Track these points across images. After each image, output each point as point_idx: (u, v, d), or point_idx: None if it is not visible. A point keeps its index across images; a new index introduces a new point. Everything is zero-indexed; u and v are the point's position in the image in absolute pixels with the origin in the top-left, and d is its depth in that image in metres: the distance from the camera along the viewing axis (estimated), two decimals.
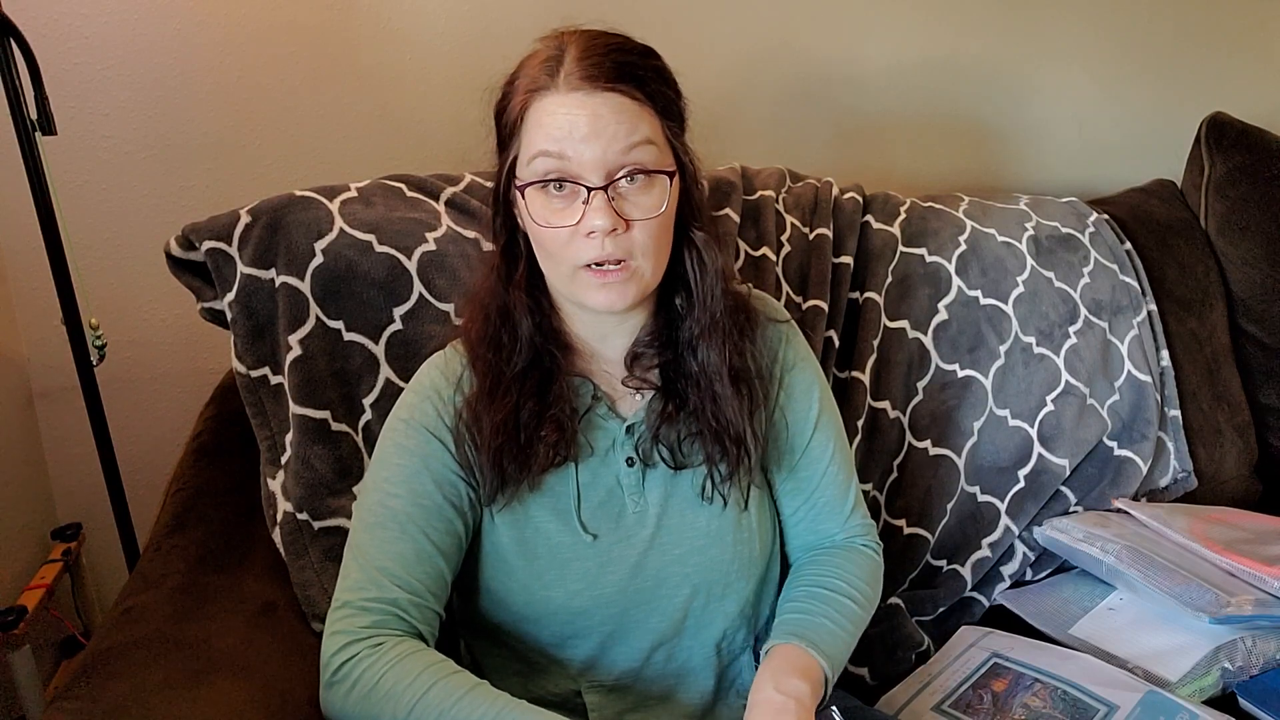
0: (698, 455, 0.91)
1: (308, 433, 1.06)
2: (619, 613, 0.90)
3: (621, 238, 0.81)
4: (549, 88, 0.80)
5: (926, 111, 1.75)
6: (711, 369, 0.89)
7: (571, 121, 0.79)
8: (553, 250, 0.83)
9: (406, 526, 0.85)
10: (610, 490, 0.91)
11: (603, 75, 0.79)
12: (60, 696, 0.83)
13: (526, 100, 0.81)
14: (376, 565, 0.85)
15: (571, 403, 0.89)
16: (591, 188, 0.79)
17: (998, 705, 1.04)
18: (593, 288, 0.83)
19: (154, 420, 1.50)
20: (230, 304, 1.08)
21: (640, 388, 0.91)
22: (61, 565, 1.43)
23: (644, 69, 0.82)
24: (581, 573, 0.89)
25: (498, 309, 0.88)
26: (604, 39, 0.82)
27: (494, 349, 0.88)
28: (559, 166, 0.80)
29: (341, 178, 1.18)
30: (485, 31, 1.48)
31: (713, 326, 0.88)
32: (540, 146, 0.80)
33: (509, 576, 0.90)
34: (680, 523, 0.91)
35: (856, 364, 1.30)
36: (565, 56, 0.80)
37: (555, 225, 0.81)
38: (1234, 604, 1.09)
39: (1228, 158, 1.57)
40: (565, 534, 0.89)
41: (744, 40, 1.62)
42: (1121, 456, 1.39)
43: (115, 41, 1.37)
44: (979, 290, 1.37)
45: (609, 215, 0.79)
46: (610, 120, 0.79)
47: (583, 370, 0.92)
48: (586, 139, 0.79)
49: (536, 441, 0.87)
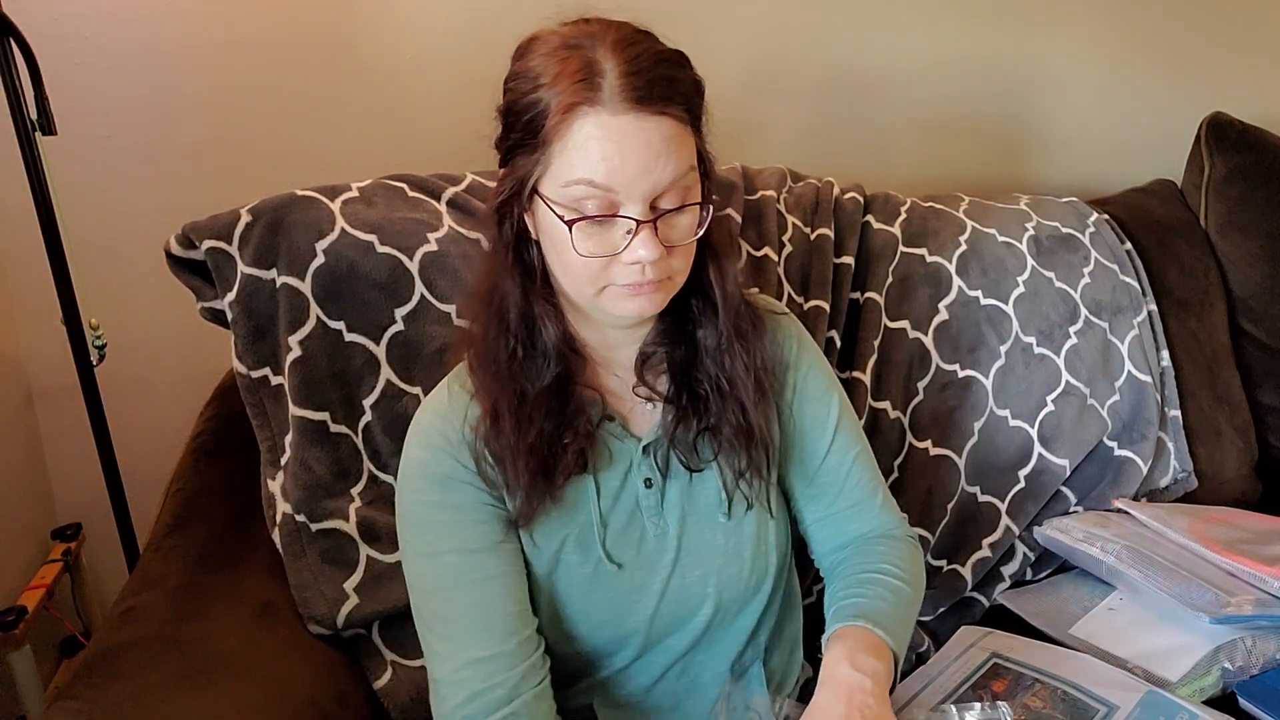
0: (712, 455, 0.88)
1: (306, 434, 1.05)
2: (643, 641, 0.88)
3: (662, 262, 0.76)
4: (592, 103, 0.71)
5: (927, 112, 1.75)
6: (739, 378, 0.86)
7: (621, 151, 0.72)
8: (584, 273, 0.77)
9: (466, 580, 0.82)
10: (631, 514, 0.88)
11: (653, 96, 0.72)
12: (60, 696, 0.83)
13: (565, 115, 0.72)
14: (455, 633, 0.82)
15: (588, 411, 0.86)
16: (640, 221, 0.74)
17: (998, 706, 1.03)
18: (622, 299, 0.78)
19: (154, 420, 1.50)
20: (231, 304, 1.08)
21: (651, 397, 0.88)
22: (61, 565, 1.43)
23: (686, 83, 0.76)
24: (607, 604, 0.87)
25: (520, 318, 0.82)
26: (644, 45, 0.75)
27: (515, 364, 0.82)
28: (603, 198, 0.73)
29: (342, 177, 1.18)
30: (486, 31, 1.48)
31: (738, 333, 0.86)
32: (583, 174, 0.73)
33: (534, 602, 0.87)
34: (699, 542, 0.89)
35: (857, 364, 1.30)
36: (606, 67, 0.72)
37: (593, 255, 0.75)
38: (1234, 604, 1.09)
39: (1228, 158, 1.57)
40: (588, 565, 0.86)
41: (747, 41, 1.62)
42: (1122, 456, 1.39)
43: (115, 41, 1.37)
44: (979, 290, 1.37)
45: (656, 247, 0.74)
46: (662, 151, 0.73)
47: (593, 383, 0.88)
48: (638, 174, 0.72)
49: (562, 450, 0.83)
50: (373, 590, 1.03)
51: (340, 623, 1.02)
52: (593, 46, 0.73)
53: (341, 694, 0.97)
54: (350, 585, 1.04)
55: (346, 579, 1.04)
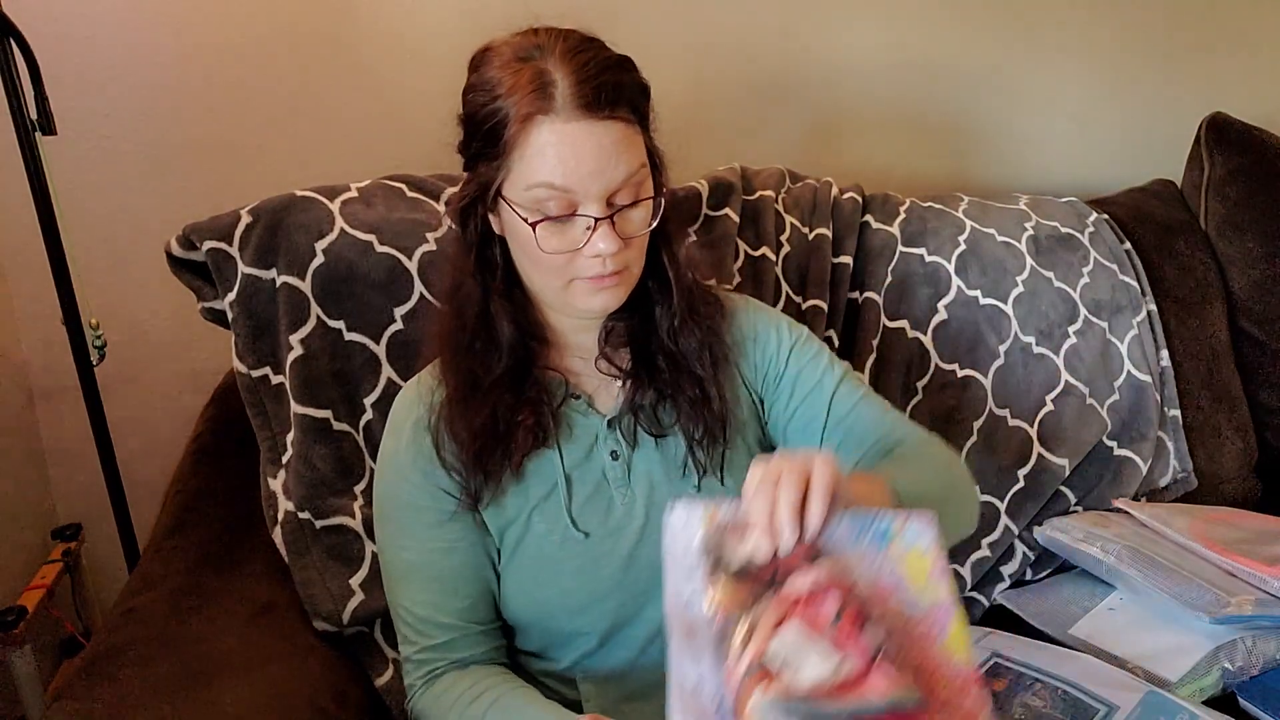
0: (674, 421, 0.92)
1: (309, 432, 1.06)
2: (615, 607, 0.90)
3: (620, 253, 0.82)
4: (546, 111, 0.78)
5: (926, 111, 1.75)
6: (691, 351, 0.91)
7: (576, 154, 0.78)
8: (549, 268, 0.83)
9: (425, 573, 0.90)
10: (597, 484, 0.91)
11: (602, 102, 0.78)
12: (60, 696, 0.83)
13: (523, 124, 0.78)
14: (416, 617, 0.91)
15: (548, 390, 0.91)
16: (598, 218, 0.80)
17: (998, 705, 1.03)
18: (588, 294, 0.84)
19: (154, 420, 1.50)
20: (231, 304, 1.08)
21: (612, 372, 0.92)
22: (61, 565, 1.43)
23: (632, 87, 0.82)
24: (574, 570, 0.89)
25: (476, 315, 0.88)
26: (591, 52, 0.80)
27: (471, 355, 0.88)
28: (562, 199, 0.79)
29: (342, 178, 1.18)
30: (485, 31, 1.47)
31: (690, 310, 0.91)
32: (542, 178, 0.79)
33: (504, 577, 0.91)
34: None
35: (856, 364, 1.30)
36: (557, 76, 0.78)
37: (556, 251, 0.81)
38: (1234, 604, 1.09)
39: (1228, 158, 1.57)
40: (555, 532, 0.90)
41: (742, 35, 1.62)
42: (1121, 456, 1.39)
43: (115, 41, 1.37)
44: (978, 290, 1.37)
45: (614, 240, 0.80)
46: (613, 152, 0.79)
47: (557, 364, 0.93)
48: (593, 174, 0.79)
49: (515, 428, 0.88)
50: (378, 586, 1.03)
51: (346, 619, 1.02)
52: (543, 57, 0.79)
53: (341, 693, 0.97)
54: (356, 581, 1.04)
55: (352, 575, 1.04)
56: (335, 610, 1.02)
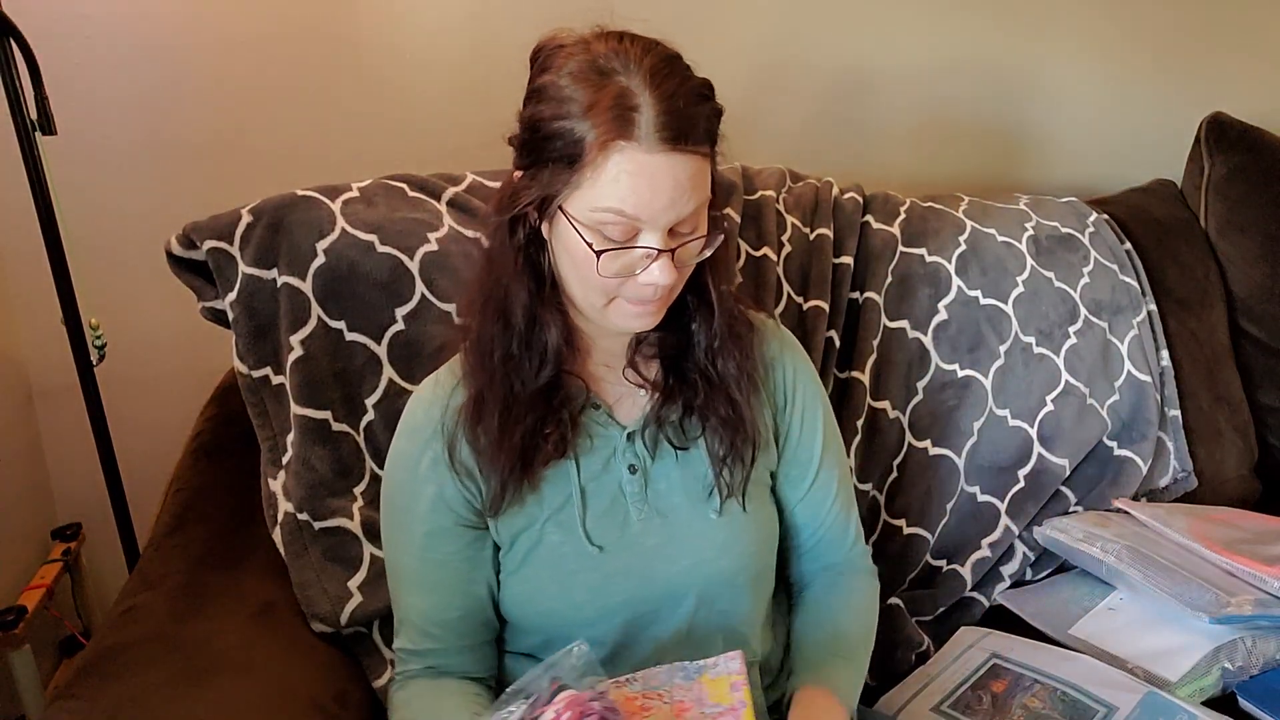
0: (699, 435, 0.91)
1: (308, 433, 1.06)
2: (623, 624, 0.89)
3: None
4: (628, 139, 0.73)
5: (926, 112, 1.75)
6: (729, 374, 0.89)
7: (652, 187, 0.75)
8: (596, 287, 0.80)
9: (419, 580, 0.90)
10: (614, 498, 0.89)
11: (688, 136, 0.75)
12: (60, 696, 0.83)
13: (602, 149, 0.74)
14: (407, 618, 0.91)
15: (570, 397, 0.88)
16: (660, 250, 0.77)
17: (997, 706, 1.04)
18: (629, 316, 0.82)
19: (154, 420, 1.50)
20: (232, 304, 1.08)
21: (640, 383, 0.90)
22: (61, 565, 1.43)
23: (711, 116, 0.79)
24: (587, 584, 0.88)
25: (526, 321, 0.84)
26: (678, 77, 0.76)
27: (510, 362, 0.85)
28: (628, 225, 0.76)
29: (343, 177, 1.18)
30: (486, 31, 1.48)
31: (732, 333, 0.89)
32: (613, 204, 0.75)
33: (513, 586, 0.89)
34: (687, 533, 0.90)
35: (856, 364, 1.30)
36: (642, 102, 0.73)
37: (613, 275, 0.79)
38: (1234, 604, 1.09)
39: (1228, 158, 1.57)
40: (569, 544, 0.88)
41: (749, 42, 1.62)
42: (1121, 456, 1.39)
43: (115, 42, 1.37)
44: (979, 290, 1.37)
45: (671, 273, 0.78)
46: (687, 186, 0.76)
47: (578, 369, 0.90)
48: (665, 208, 0.76)
49: (542, 442, 0.86)
50: (376, 588, 1.03)
51: (344, 620, 1.02)
52: (626, 73, 0.75)
53: (342, 693, 0.97)
54: (354, 583, 1.04)
55: (350, 577, 1.04)
56: (333, 612, 1.02)
